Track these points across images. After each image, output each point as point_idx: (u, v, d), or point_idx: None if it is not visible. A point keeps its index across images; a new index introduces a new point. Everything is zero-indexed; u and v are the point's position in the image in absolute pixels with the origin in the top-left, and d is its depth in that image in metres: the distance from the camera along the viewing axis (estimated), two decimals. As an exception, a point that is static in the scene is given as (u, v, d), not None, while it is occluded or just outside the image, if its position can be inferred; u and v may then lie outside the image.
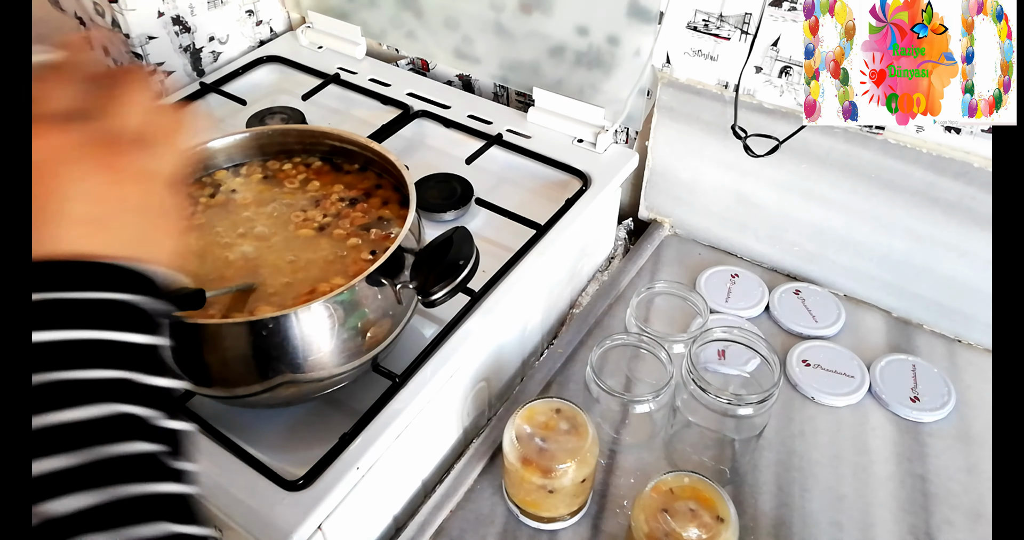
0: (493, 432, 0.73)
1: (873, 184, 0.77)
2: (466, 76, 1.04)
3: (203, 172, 0.68)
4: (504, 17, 0.91)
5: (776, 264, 0.89)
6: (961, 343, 0.80)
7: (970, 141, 0.70)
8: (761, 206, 0.85)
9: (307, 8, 1.08)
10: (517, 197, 0.85)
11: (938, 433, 0.72)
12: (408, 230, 0.59)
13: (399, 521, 0.69)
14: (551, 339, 0.84)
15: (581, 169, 0.84)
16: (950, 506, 0.67)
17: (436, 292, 0.53)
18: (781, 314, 0.82)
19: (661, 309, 0.83)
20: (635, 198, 0.96)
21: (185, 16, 0.99)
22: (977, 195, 0.71)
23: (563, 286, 0.85)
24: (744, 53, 0.76)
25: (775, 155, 0.74)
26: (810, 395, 0.75)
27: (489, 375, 0.75)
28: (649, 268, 0.90)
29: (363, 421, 0.61)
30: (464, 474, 0.70)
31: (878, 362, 0.77)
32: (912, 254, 0.78)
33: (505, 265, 0.73)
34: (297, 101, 0.96)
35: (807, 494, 0.68)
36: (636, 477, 0.70)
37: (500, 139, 0.88)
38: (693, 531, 0.56)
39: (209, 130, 0.95)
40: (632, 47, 0.84)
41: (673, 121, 0.86)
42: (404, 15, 1.00)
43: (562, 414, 0.63)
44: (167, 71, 1.00)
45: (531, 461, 0.61)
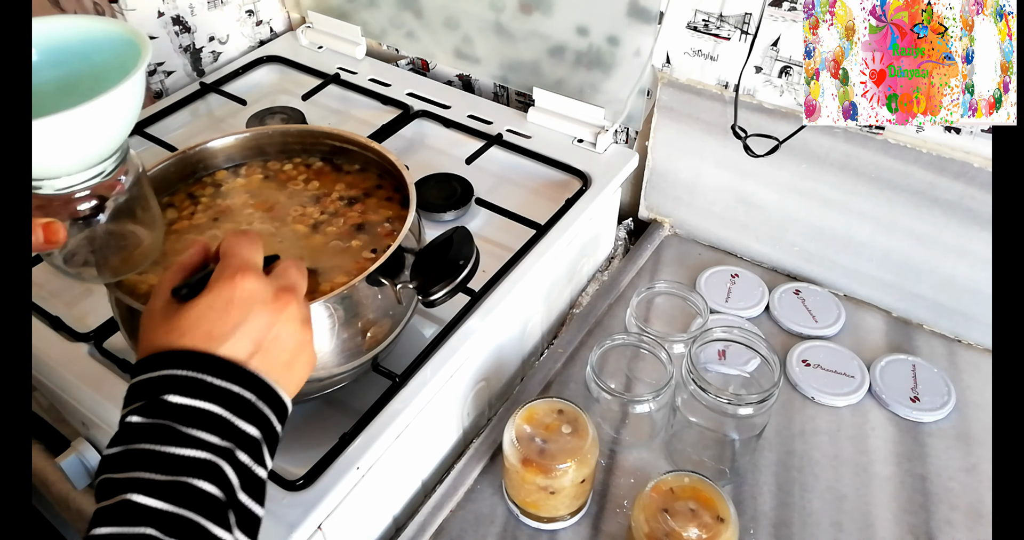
0: (493, 432, 0.73)
1: (873, 184, 0.77)
2: (466, 76, 1.04)
3: (203, 172, 0.68)
4: (504, 17, 0.91)
5: (776, 264, 0.89)
6: (961, 343, 0.80)
7: (970, 141, 0.70)
8: (761, 206, 0.85)
9: (307, 8, 1.08)
10: (517, 197, 0.85)
11: (938, 433, 0.72)
12: (408, 230, 0.59)
13: (399, 521, 0.69)
14: (551, 339, 0.84)
15: (581, 169, 0.84)
16: (950, 506, 0.67)
17: (436, 292, 0.53)
18: (781, 314, 0.82)
19: (661, 309, 0.83)
20: (635, 198, 0.96)
21: (185, 16, 0.99)
22: (977, 195, 0.71)
23: (563, 286, 0.85)
24: (744, 53, 0.76)
25: (775, 155, 0.74)
26: (810, 395, 0.75)
27: (489, 375, 0.75)
28: (649, 268, 0.90)
29: (363, 421, 0.61)
30: (464, 474, 0.70)
31: (878, 362, 0.77)
32: (912, 254, 0.78)
33: (505, 265, 0.73)
34: (297, 101, 0.96)
35: (807, 494, 0.68)
36: (636, 477, 0.70)
37: (500, 139, 0.88)
38: (693, 531, 0.56)
39: (209, 130, 0.96)
40: (632, 47, 0.84)
41: (673, 121, 0.86)
42: (404, 15, 1.00)
43: (563, 414, 0.63)
44: (167, 71, 1.00)
45: (531, 461, 0.61)
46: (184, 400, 0.40)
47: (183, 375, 0.41)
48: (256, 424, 0.42)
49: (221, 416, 0.41)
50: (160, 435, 0.39)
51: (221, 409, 0.41)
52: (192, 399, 0.40)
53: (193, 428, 0.40)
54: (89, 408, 0.66)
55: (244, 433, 0.41)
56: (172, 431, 0.39)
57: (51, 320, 0.68)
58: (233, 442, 0.41)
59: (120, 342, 0.64)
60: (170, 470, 0.38)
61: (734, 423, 0.64)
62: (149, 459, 0.39)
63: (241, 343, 0.43)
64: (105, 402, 0.63)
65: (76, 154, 0.47)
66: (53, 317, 0.68)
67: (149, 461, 0.39)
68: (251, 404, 0.42)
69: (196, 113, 0.97)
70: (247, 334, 0.44)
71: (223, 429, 0.41)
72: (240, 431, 0.41)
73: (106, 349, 0.66)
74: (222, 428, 0.41)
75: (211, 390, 0.41)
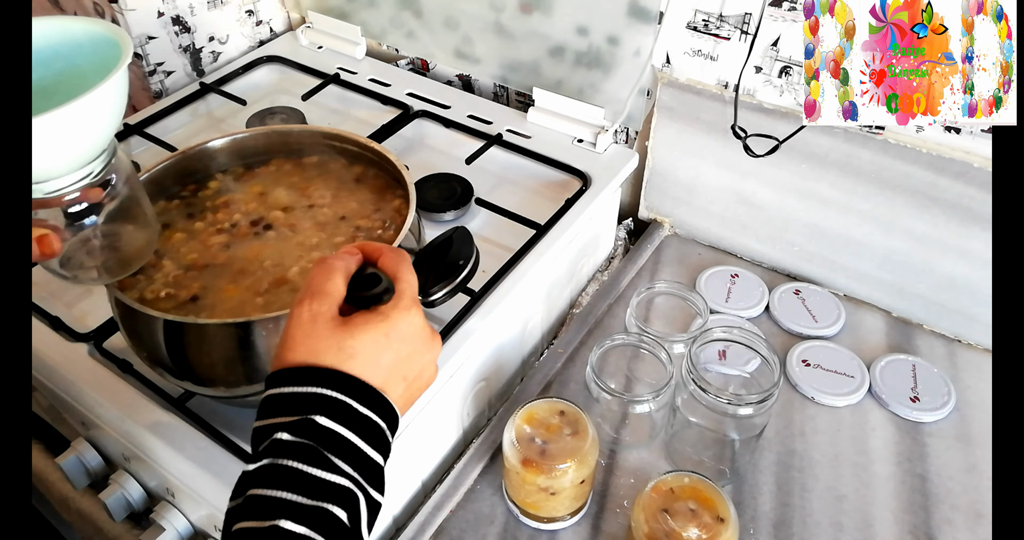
0: (493, 432, 0.73)
1: (873, 184, 0.77)
2: (466, 76, 1.04)
3: (203, 172, 0.68)
4: (504, 17, 0.91)
5: (776, 264, 0.89)
6: (961, 343, 0.80)
7: (970, 141, 0.70)
8: (761, 206, 0.85)
9: (307, 8, 1.08)
10: (517, 197, 0.85)
11: (938, 433, 0.72)
12: (408, 230, 0.59)
13: (399, 521, 0.69)
14: (551, 339, 0.84)
15: (581, 169, 0.84)
16: (950, 506, 0.67)
17: (436, 292, 0.53)
18: (781, 314, 0.82)
19: (661, 309, 0.83)
20: (635, 198, 0.96)
21: (185, 16, 0.99)
22: (977, 195, 0.71)
23: (563, 286, 0.85)
24: (744, 53, 0.76)
25: (775, 155, 0.74)
26: (810, 395, 0.75)
27: (489, 375, 0.75)
28: (649, 268, 0.90)
29: (363, 421, 0.61)
30: (464, 474, 0.70)
31: (878, 362, 0.77)
32: (912, 254, 0.78)
33: (505, 265, 0.73)
34: (297, 101, 0.96)
35: (807, 494, 0.68)
36: (636, 477, 0.70)
37: (500, 139, 0.88)
38: (693, 531, 0.56)
39: (209, 130, 0.96)
40: (632, 47, 0.84)
41: (673, 121, 0.86)
42: (404, 15, 1.00)
43: (563, 415, 0.63)
44: (167, 71, 1.00)
45: (531, 462, 0.61)
46: (332, 425, 0.40)
47: (338, 399, 0.41)
48: (383, 453, 0.43)
49: (357, 446, 0.41)
50: (307, 456, 0.39)
51: (358, 438, 0.41)
52: (339, 425, 0.41)
53: (334, 455, 0.40)
54: (89, 408, 0.66)
55: (374, 462, 0.42)
56: (318, 454, 0.40)
57: (51, 320, 0.68)
58: (362, 471, 0.41)
59: (120, 342, 0.64)
60: (316, 495, 0.39)
61: (734, 423, 0.64)
62: (297, 480, 0.39)
63: (395, 378, 0.44)
64: (105, 402, 0.63)
65: (62, 156, 0.47)
66: (53, 317, 0.68)
67: (297, 482, 0.39)
68: (384, 434, 0.43)
69: (196, 113, 0.97)
70: (400, 370, 0.44)
71: (357, 458, 0.41)
72: (370, 460, 0.42)
73: (106, 349, 0.66)
74: (357, 457, 0.41)
75: (357, 419, 0.42)
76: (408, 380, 0.45)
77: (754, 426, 0.65)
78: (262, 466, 0.40)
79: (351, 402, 0.41)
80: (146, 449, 0.62)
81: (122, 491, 0.67)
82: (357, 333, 0.43)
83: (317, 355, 0.42)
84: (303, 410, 0.40)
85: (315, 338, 0.42)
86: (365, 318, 0.43)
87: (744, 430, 0.65)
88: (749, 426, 0.65)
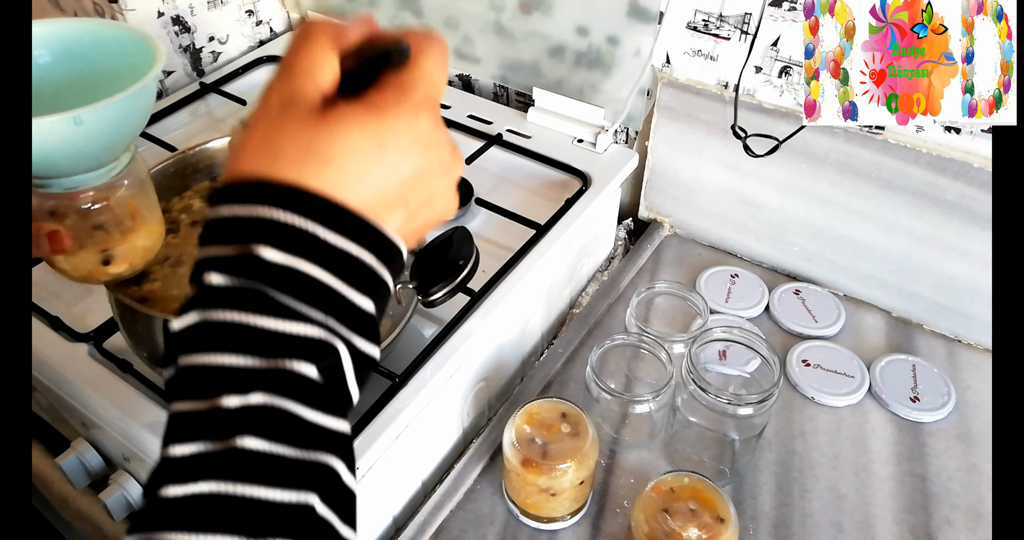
0: (493, 432, 0.73)
1: (873, 184, 0.77)
2: (466, 76, 1.04)
3: (203, 172, 0.68)
4: (504, 17, 0.91)
5: (776, 264, 0.89)
6: (961, 343, 0.80)
7: (970, 141, 0.70)
8: (761, 206, 0.85)
9: (307, 8, 1.08)
10: (517, 197, 0.85)
11: (938, 433, 0.72)
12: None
13: (399, 521, 0.69)
14: (551, 339, 0.84)
15: (581, 169, 0.84)
16: (950, 506, 0.67)
17: (436, 292, 0.53)
18: (781, 314, 0.82)
19: (661, 309, 0.83)
20: (635, 198, 0.96)
21: (185, 16, 0.99)
22: (977, 195, 0.71)
23: (563, 286, 0.85)
24: (744, 53, 0.76)
25: (775, 155, 0.74)
26: (810, 395, 0.75)
27: (489, 375, 0.75)
28: (649, 268, 0.90)
29: (363, 421, 0.61)
30: (464, 474, 0.70)
31: (878, 362, 0.77)
32: (912, 254, 0.78)
33: (505, 265, 0.73)
34: (297, 101, 0.95)
35: (807, 494, 0.68)
36: (636, 477, 0.70)
37: (500, 139, 0.88)
38: (693, 531, 0.56)
39: (209, 130, 0.96)
40: (632, 47, 0.84)
41: (673, 121, 0.86)
42: (404, 15, 1.00)
43: (563, 415, 0.63)
44: (167, 71, 1.00)
45: (531, 462, 0.61)
46: (283, 258, 0.29)
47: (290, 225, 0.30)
48: (372, 296, 0.32)
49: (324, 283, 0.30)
50: (248, 303, 0.29)
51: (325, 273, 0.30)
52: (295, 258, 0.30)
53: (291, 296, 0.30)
54: (89, 408, 0.66)
55: (352, 304, 0.31)
56: (263, 299, 0.29)
57: (51, 320, 0.68)
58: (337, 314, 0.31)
59: (120, 342, 0.64)
60: (265, 351, 0.29)
61: (734, 423, 0.64)
62: (236, 338, 0.29)
63: (389, 201, 0.32)
64: (105, 402, 0.63)
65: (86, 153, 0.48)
66: (53, 317, 0.68)
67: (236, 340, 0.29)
68: (368, 269, 0.32)
69: (196, 113, 0.97)
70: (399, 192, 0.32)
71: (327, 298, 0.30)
72: (346, 301, 0.31)
73: (106, 349, 0.66)
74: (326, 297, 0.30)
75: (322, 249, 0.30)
76: (411, 207, 0.33)
77: (754, 426, 0.65)
78: (191, 326, 0.30)
79: (312, 227, 0.30)
80: (146, 449, 0.62)
81: (122, 491, 0.67)
82: (336, 129, 0.30)
83: (276, 162, 0.30)
84: (244, 239, 0.29)
85: (280, 135, 0.30)
86: (351, 109, 0.31)
87: (744, 430, 0.65)
88: (749, 426, 0.65)
